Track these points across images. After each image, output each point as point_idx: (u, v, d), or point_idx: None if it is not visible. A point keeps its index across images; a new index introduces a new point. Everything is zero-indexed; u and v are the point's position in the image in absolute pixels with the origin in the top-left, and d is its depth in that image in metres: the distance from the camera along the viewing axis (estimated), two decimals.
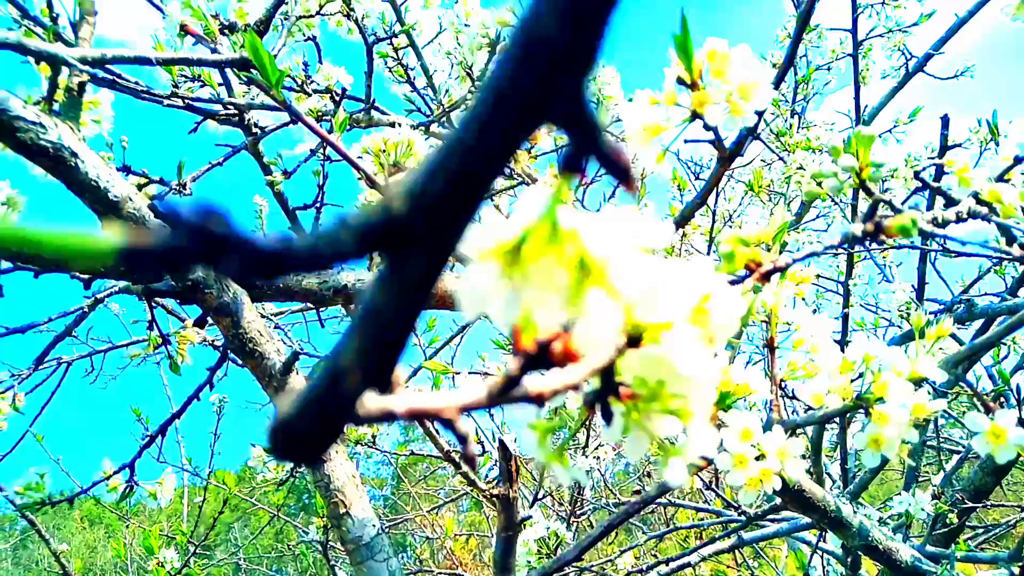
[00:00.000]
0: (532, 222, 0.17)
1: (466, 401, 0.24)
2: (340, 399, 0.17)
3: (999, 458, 0.53)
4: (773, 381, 0.68)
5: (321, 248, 0.13)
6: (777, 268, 0.38)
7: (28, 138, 0.67)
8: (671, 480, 0.35)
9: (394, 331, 0.15)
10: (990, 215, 0.59)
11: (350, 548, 0.80)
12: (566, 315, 0.18)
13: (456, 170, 0.13)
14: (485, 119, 0.12)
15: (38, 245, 0.10)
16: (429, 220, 0.13)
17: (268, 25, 0.84)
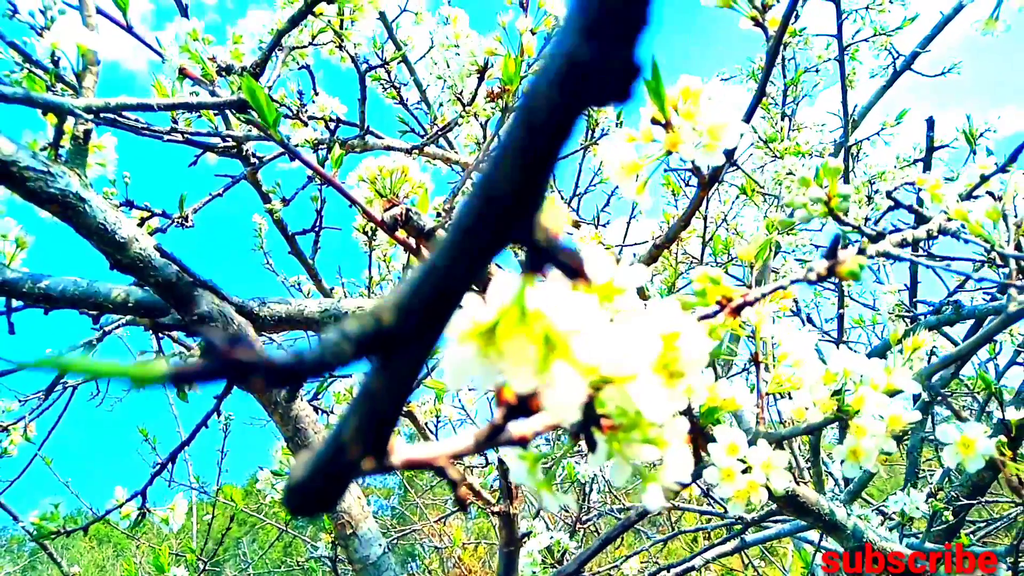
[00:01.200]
0: (503, 306, 0.20)
1: (455, 449, 0.27)
2: (344, 465, 0.19)
3: (969, 468, 0.56)
4: (759, 395, 0.71)
5: (327, 358, 0.16)
6: (746, 303, 0.41)
7: (38, 187, 0.70)
8: (649, 504, 0.38)
9: (386, 411, 0.18)
10: (959, 232, 0.62)
11: (358, 567, 0.83)
12: (536, 383, 0.21)
13: (432, 290, 0.16)
14: (455, 251, 0.15)
15: (109, 372, 0.13)
16: (412, 329, 0.16)
17: (264, 67, 0.87)
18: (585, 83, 0.13)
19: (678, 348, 0.36)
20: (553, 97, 0.13)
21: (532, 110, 0.13)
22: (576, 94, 0.13)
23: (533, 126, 0.13)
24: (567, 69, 0.13)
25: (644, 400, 0.26)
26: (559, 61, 0.13)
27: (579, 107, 0.13)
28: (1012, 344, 2.29)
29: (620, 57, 0.12)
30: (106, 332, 1.13)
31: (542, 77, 0.13)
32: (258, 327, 0.86)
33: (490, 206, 0.14)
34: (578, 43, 0.12)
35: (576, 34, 0.12)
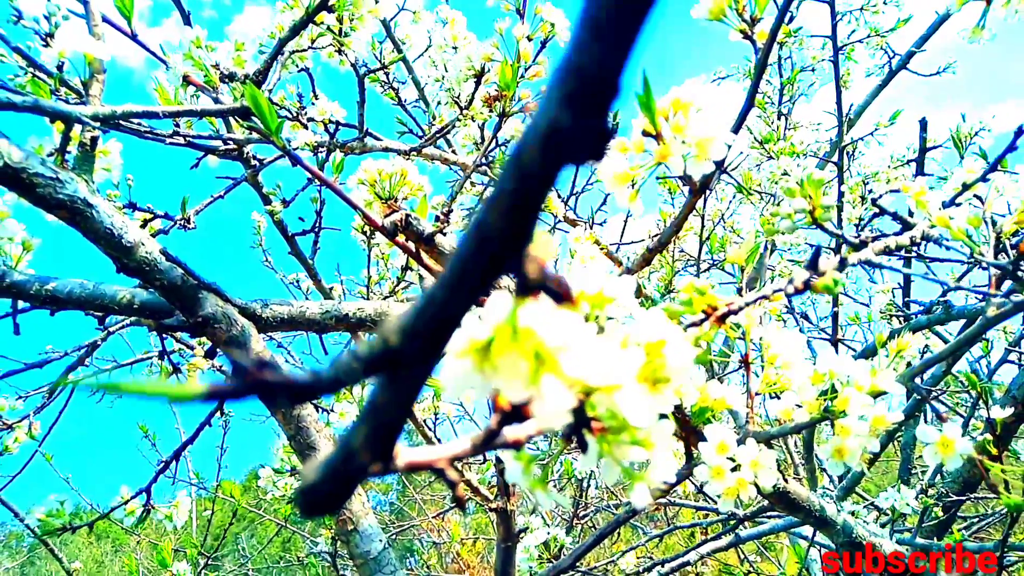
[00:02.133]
0: (498, 325, 0.22)
1: (454, 452, 0.29)
2: (353, 470, 0.22)
3: (948, 466, 0.58)
4: (749, 395, 0.73)
5: (340, 376, 0.18)
6: (730, 311, 0.43)
7: (47, 193, 0.72)
8: (636, 503, 0.40)
9: (392, 422, 0.20)
10: (942, 239, 0.64)
11: (359, 562, 0.85)
12: (528, 394, 0.23)
13: (433, 316, 0.18)
14: (453, 283, 0.17)
15: (154, 392, 0.15)
16: (416, 350, 0.18)
17: (266, 75, 0.88)
18: (565, 146, 0.15)
19: (664, 356, 0.38)
20: (538, 156, 0.15)
21: (521, 164, 0.15)
22: (557, 154, 0.15)
23: (522, 178, 0.16)
24: (550, 134, 0.15)
25: (628, 407, 0.28)
26: (543, 126, 0.15)
27: (560, 164, 0.15)
28: (1006, 342, 2.32)
29: (594, 125, 0.14)
30: (110, 332, 1.14)
31: (530, 136, 0.15)
32: (261, 328, 0.88)
33: (483, 245, 0.16)
34: (558, 112, 0.14)
35: (557, 104, 0.14)
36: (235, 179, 1.20)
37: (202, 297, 0.81)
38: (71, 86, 1.07)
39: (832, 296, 2.38)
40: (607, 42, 0.14)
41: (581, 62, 0.14)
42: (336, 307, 0.89)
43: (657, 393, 0.36)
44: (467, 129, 1.42)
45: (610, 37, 0.14)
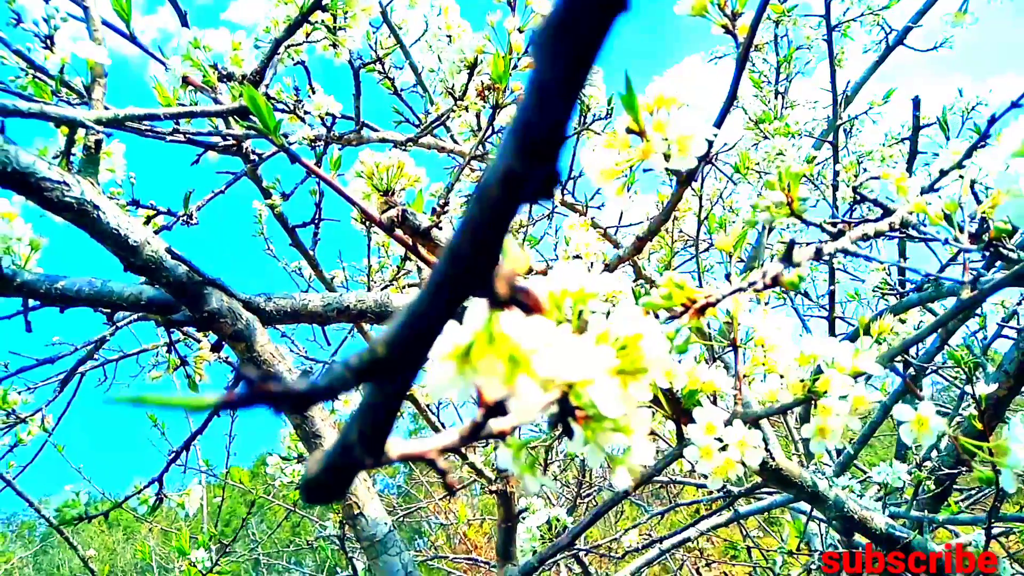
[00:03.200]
0: (476, 331, 0.25)
1: (444, 443, 0.32)
2: (350, 462, 0.24)
3: (923, 444, 0.61)
4: (737, 377, 0.76)
5: (334, 385, 0.20)
6: (708, 304, 0.45)
7: (54, 196, 0.74)
8: (618, 484, 0.43)
9: (383, 420, 0.23)
10: (919, 225, 0.66)
11: (365, 545, 0.88)
12: (505, 392, 0.26)
13: (415, 329, 0.20)
14: (431, 299, 0.20)
15: (177, 404, 0.18)
16: (400, 359, 0.21)
17: (263, 75, 0.90)
18: (519, 187, 0.17)
19: (641, 348, 0.41)
20: (498, 194, 0.18)
21: (484, 200, 0.18)
22: (513, 194, 0.17)
23: (485, 211, 0.18)
24: (506, 178, 0.17)
25: (600, 400, 0.31)
26: (501, 170, 0.17)
27: (516, 202, 0.17)
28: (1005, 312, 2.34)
29: (544, 170, 0.17)
30: (118, 326, 1.17)
31: (491, 177, 0.18)
32: (265, 321, 0.91)
33: (456, 267, 0.19)
34: (513, 160, 0.17)
35: (512, 153, 0.17)
36: (235, 174, 1.22)
37: (207, 293, 0.84)
38: (72, 86, 1.09)
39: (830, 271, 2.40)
40: (551, 104, 0.16)
41: (530, 120, 0.17)
42: (338, 299, 0.91)
43: (635, 383, 0.39)
44: (464, 116, 1.44)
45: (554, 100, 0.16)
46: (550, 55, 0.17)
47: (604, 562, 4.95)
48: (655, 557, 1.81)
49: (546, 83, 0.17)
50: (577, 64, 0.17)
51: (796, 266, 0.47)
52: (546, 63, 0.17)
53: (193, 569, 1.64)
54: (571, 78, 0.16)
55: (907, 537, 1.12)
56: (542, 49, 0.17)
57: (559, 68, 0.17)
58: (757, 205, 0.61)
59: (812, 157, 1.86)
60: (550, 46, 0.17)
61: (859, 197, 0.72)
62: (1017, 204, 0.43)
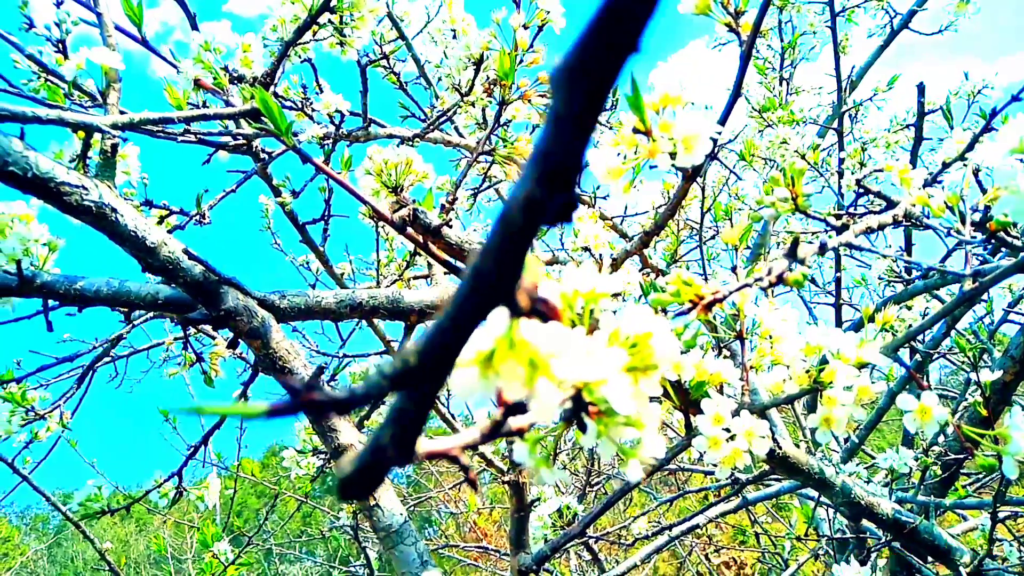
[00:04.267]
0: (498, 338, 0.27)
1: (465, 441, 0.34)
2: (382, 462, 0.26)
3: (927, 432, 0.62)
4: (743, 368, 0.77)
5: (371, 391, 0.22)
6: (715, 300, 0.47)
7: (74, 200, 0.76)
8: (630, 476, 0.44)
9: (413, 424, 0.25)
10: (922, 217, 0.67)
11: (381, 535, 0.91)
12: (525, 394, 0.28)
13: (442, 341, 0.22)
14: (458, 314, 0.21)
15: (228, 412, 0.20)
16: (430, 368, 0.22)
17: (274, 77, 0.92)
18: (539, 213, 0.19)
19: (651, 346, 0.43)
20: (519, 218, 0.19)
21: (507, 223, 0.20)
22: (534, 219, 0.19)
23: (508, 234, 0.20)
24: (527, 203, 0.19)
25: (613, 398, 0.33)
26: (522, 196, 0.19)
27: (536, 226, 0.19)
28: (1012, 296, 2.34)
29: (562, 198, 0.18)
30: (134, 324, 1.20)
31: (513, 203, 0.19)
32: (279, 318, 0.93)
33: (480, 285, 0.21)
34: (534, 187, 0.18)
35: (533, 181, 0.18)
36: (246, 173, 1.24)
37: (223, 292, 0.86)
38: (84, 89, 1.10)
39: (836, 258, 2.40)
40: (569, 137, 0.18)
41: (550, 150, 0.18)
42: (350, 296, 0.93)
43: (645, 379, 0.41)
44: (470, 111, 1.45)
45: (570, 133, 0.18)
46: (567, 93, 0.18)
47: (614, 549, 4.99)
48: (664, 544, 1.83)
49: (563, 118, 0.18)
50: (592, 100, 0.18)
51: (800, 262, 0.48)
52: (563, 100, 0.18)
53: (215, 561, 1.67)
54: (587, 113, 0.18)
55: (913, 522, 1.14)
56: (560, 87, 0.18)
57: (575, 104, 0.18)
58: (762, 201, 0.62)
59: (816, 144, 1.87)
60: (567, 85, 0.18)
61: (863, 189, 0.73)
62: (1015, 200, 0.45)
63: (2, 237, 0.96)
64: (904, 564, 1.90)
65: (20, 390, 1.44)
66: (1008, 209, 0.44)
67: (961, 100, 2.70)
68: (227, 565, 1.67)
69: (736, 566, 6.07)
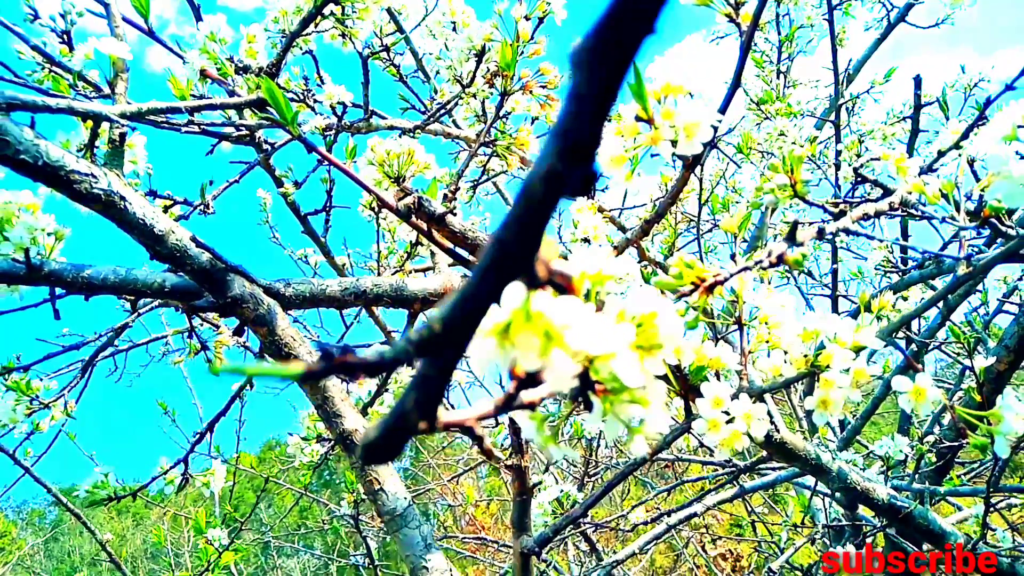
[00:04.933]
0: (514, 310, 0.28)
1: (480, 413, 0.35)
2: (405, 427, 0.27)
3: (920, 413, 0.64)
4: (742, 353, 0.79)
5: (399, 356, 0.23)
6: (717, 282, 0.48)
7: (83, 188, 0.77)
8: (636, 452, 0.46)
9: (436, 390, 0.26)
10: (918, 204, 0.69)
11: (386, 519, 0.92)
12: (540, 364, 0.29)
13: (465, 310, 0.23)
14: (480, 284, 0.23)
15: (266, 373, 0.21)
16: (453, 335, 0.24)
17: (279, 67, 0.93)
18: (560, 184, 0.20)
19: (656, 325, 0.44)
20: (540, 191, 0.20)
21: (529, 196, 0.21)
22: (555, 191, 0.20)
23: (529, 207, 0.21)
24: (549, 176, 0.20)
25: (622, 372, 0.34)
26: (544, 170, 0.20)
27: (557, 198, 0.20)
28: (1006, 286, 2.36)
29: (581, 170, 0.20)
30: (139, 314, 1.21)
31: (535, 177, 0.21)
32: (285, 305, 0.94)
33: (503, 253, 0.22)
34: (555, 161, 0.20)
35: (554, 155, 0.20)
36: (249, 163, 1.25)
37: (230, 279, 0.87)
38: (88, 80, 1.11)
39: (833, 250, 2.42)
40: (588, 113, 0.19)
41: (570, 127, 0.19)
42: (355, 284, 0.94)
43: (650, 358, 0.42)
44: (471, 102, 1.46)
45: (590, 110, 0.19)
46: (587, 72, 0.19)
47: (612, 541, 5.02)
48: (662, 533, 1.85)
49: (583, 96, 0.19)
50: (610, 79, 0.19)
51: (799, 245, 0.50)
52: (583, 79, 0.20)
53: (210, 547, 1.69)
54: (605, 91, 0.19)
55: (908, 507, 1.16)
56: (579, 67, 0.19)
57: (594, 83, 0.19)
58: (761, 187, 0.63)
59: (814, 137, 1.88)
60: (587, 64, 0.19)
61: (860, 178, 0.74)
62: (1008, 185, 0.46)
63: (9, 226, 0.97)
64: (899, 552, 1.92)
65: (22, 379, 1.45)
66: (1000, 194, 0.46)
67: (958, 93, 2.71)
68: (221, 551, 1.69)
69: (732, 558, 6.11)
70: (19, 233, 0.96)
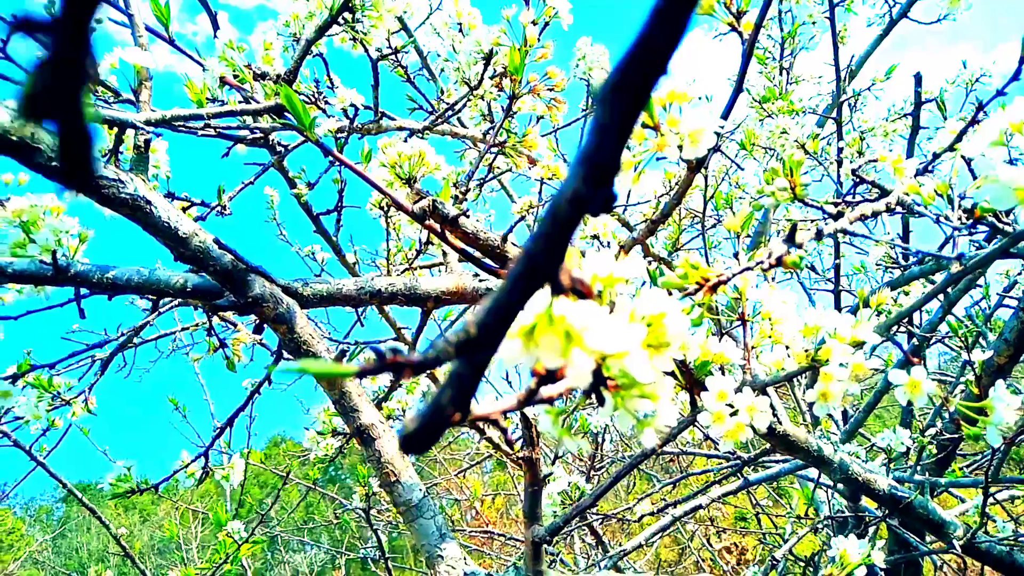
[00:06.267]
0: (538, 314, 0.31)
1: (505, 406, 0.38)
2: (442, 420, 0.30)
3: (916, 403, 0.67)
4: (745, 348, 0.82)
5: (440, 356, 0.26)
6: (720, 282, 0.51)
7: (111, 193, 0.80)
8: (646, 443, 0.49)
9: (470, 386, 0.29)
10: (914, 205, 0.72)
11: (402, 510, 0.95)
12: (561, 362, 0.32)
13: (497, 315, 0.26)
14: (512, 291, 0.26)
15: (325, 372, 0.24)
16: (487, 337, 0.27)
17: (296, 74, 0.96)
18: (584, 205, 0.23)
19: (664, 325, 0.47)
20: (567, 211, 0.23)
21: (556, 215, 0.24)
22: (580, 211, 0.23)
23: (556, 224, 0.24)
24: (574, 198, 0.23)
25: (635, 369, 0.37)
26: (570, 192, 0.23)
27: (581, 216, 0.23)
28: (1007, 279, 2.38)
29: (604, 193, 0.23)
30: (159, 312, 1.24)
31: (562, 198, 0.24)
32: (303, 304, 0.98)
33: (532, 267, 0.25)
34: (580, 185, 0.23)
35: (580, 180, 0.23)
36: (263, 165, 1.28)
37: (251, 279, 0.90)
38: (108, 85, 1.14)
39: (835, 246, 2.44)
40: (610, 143, 0.22)
41: (593, 154, 0.22)
42: (370, 283, 0.98)
43: (659, 355, 0.45)
44: (479, 103, 1.49)
45: (610, 140, 0.22)
46: (608, 107, 0.22)
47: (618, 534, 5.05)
48: (667, 524, 1.89)
49: (605, 127, 0.22)
50: (628, 113, 0.22)
51: (798, 247, 0.53)
52: (605, 112, 0.23)
53: (229, 540, 1.73)
54: (624, 123, 0.22)
55: (908, 497, 1.18)
56: (602, 103, 0.22)
57: (615, 116, 0.22)
58: (762, 190, 0.66)
59: (816, 134, 1.90)
60: (608, 101, 0.22)
61: (858, 179, 0.77)
62: (996, 188, 0.49)
63: (35, 229, 1.00)
64: (901, 543, 1.95)
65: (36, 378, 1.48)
66: (989, 196, 0.49)
67: (959, 89, 2.73)
68: (240, 544, 1.73)
69: (738, 551, 6.15)
70: (45, 235, 0.99)
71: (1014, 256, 0.83)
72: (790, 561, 2.46)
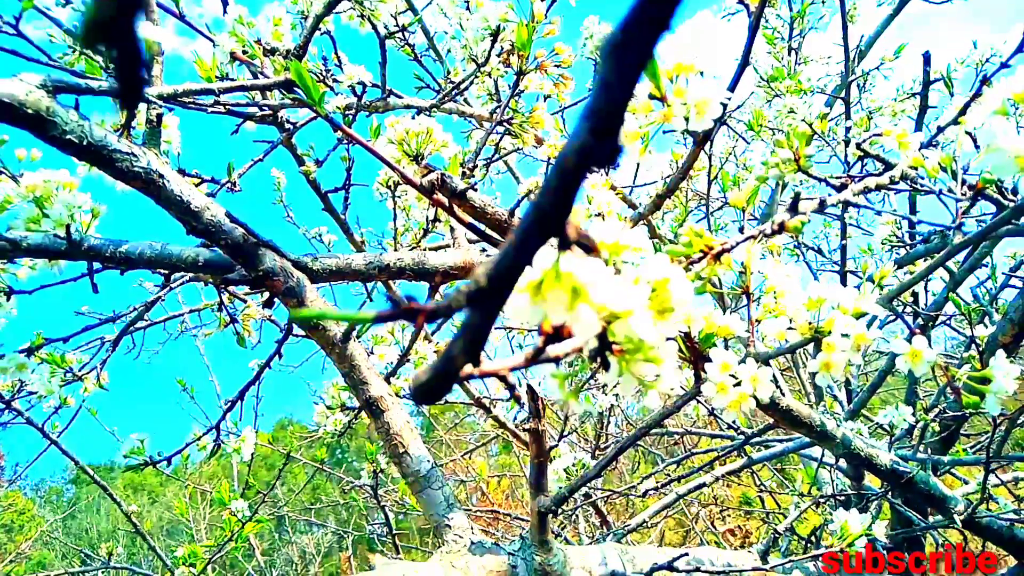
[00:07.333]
0: (546, 269, 0.32)
1: (513, 364, 0.39)
2: (452, 370, 0.32)
3: (917, 372, 0.68)
4: (749, 321, 0.83)
5: (452, 305, 0.28)
6: (724, 250, 0.52)
7: (124, 167, 0.82)
8: (649, 405, 0.50)
9: (479, 337, 0.30)
10: (918, 179, 0.72)
11: (410, 480, 0.97)
12: (567, 318, 0.33)
13: (507, 266, 0.27)
14: (520, 244, 0.27)
15: (342, 318, 0.25)
16: (497, 287, 0.28)
17: (306, 49, 0.96)
18: (590, 157, 0.24)
19: (668, 291, 0.48)
20: (573, 162, 0.25)
21: (563, 168, 0.25)
22: (586, 162, 0.24)
23: (564, 174, 0.25)
24: (581, 150, 0.24)
25: (639, 328, 0.38)
26: (576, 144, 0.24)
27: (587, 168, 0.24)
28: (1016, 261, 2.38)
29: (609, 145, 0.24)
30: (170, 288, 1.26)
31: (569, 150, 0.25)
32: (312, 278, 0.99)
33: (540, 219, 0.26)
34: (586, 137, 0.24)
35: (585, 132, 0.24)
36: (272, 142, 1.29)
37: (262, 253, 0.91)
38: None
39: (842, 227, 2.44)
40: (615, 97, 0.23)
41: (599, 106, 0.23)
42: (378, 259, 0.99)
43: (664, 320, 0.46)
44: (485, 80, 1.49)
45: (615, 94, 0.23)
46: (613, 63, 0.23)
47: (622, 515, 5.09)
48: (671, 502, 1.91)
49: (610, 82, 0.23)
50: (632, 68, 0.23)
51: (801, 214, 0.53)
52: (610, 68, 0.24)
53: (233, 519, 1.76)
54: (628, 78, 0.23)
55: (910, 473, 1.20)
56: (607, 58, 0.23)
57: (619, 72, 0.23)
58: (768, 162, 0.67)
59: (824, 114, 1.90)
60: (612, 57, 0.23)
61: (863, 152, 0.77)
62: (997, 157, 0.50)
63: (49, 204, 1.02)
64: (904, 521, 1.97)
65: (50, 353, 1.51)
66: (991, 165, 0.49)
67: (969, 68, 2.71)
68: (244, 522, 1.76)
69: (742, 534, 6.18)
70: (58, 210, 1.01)
71: (1018, 234, 0.83)
72: (793, 540, 2.48)
